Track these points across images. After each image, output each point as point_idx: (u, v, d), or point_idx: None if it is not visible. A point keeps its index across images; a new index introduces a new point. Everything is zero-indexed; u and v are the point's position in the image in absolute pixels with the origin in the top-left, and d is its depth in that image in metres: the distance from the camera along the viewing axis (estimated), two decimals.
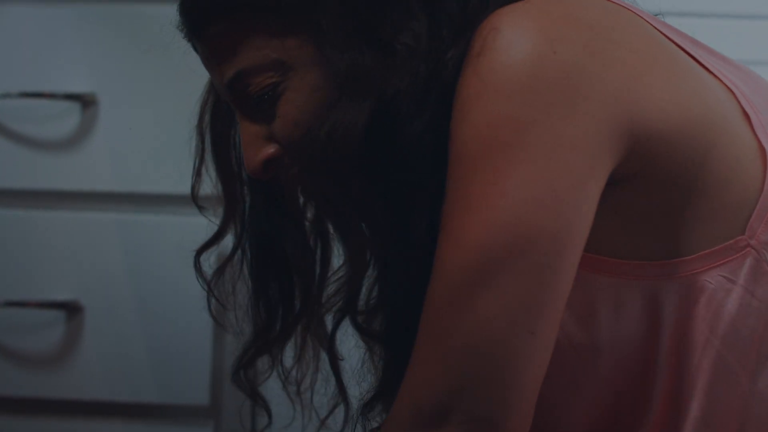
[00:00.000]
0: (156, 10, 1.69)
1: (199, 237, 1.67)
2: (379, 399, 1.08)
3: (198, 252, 1.15)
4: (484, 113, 0.91)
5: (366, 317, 1.09)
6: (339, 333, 1.12)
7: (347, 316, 1.08)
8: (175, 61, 1.68)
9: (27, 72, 1.70)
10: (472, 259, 0.91)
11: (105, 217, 1.69)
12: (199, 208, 1.16)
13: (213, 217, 1.15)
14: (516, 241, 0.90)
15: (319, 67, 0.98)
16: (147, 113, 1.69)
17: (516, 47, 0.91)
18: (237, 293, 1.14)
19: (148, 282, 1.68)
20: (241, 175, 1.12)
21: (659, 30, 1.00)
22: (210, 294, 1.15)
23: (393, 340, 1.03)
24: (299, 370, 1.17)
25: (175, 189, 1.69)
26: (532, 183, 0.90)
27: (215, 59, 1.03)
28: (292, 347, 1.16)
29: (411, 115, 0.95)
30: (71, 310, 1.68)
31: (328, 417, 1.18)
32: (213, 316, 1.16)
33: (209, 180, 1.14)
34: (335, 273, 1.14)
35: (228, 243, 1.16)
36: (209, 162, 1.15)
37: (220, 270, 1.14)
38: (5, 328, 1.68)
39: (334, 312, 1.09)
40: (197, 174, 1.14)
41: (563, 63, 0.91)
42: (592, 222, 0.93)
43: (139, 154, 1.69)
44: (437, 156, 0.95)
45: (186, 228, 1.68)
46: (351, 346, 1.15)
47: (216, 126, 1.12)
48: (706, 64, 1.01)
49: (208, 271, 1.16)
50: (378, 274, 0.99)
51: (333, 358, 1.14)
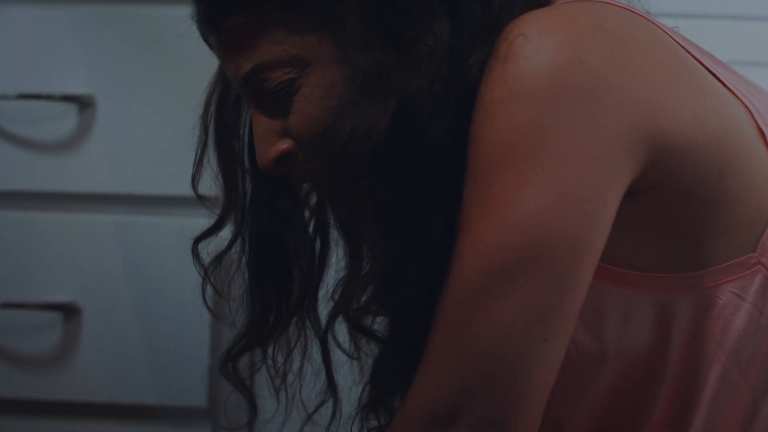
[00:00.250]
0: (154, 11, 1.69)
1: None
2: (376, 401, 1.08)
3: (196, 240, 1.14)
4: (507, 119, 0.91)
5: (361, 316, 1.09)
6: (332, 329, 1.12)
7: (343, 313, 1.08)
8: (173, 63, 1.69)
9: (25, 73, 1.70)
10: (490, 264, 0.91)
11: (103, 219, 1.69)
12: (199, 198, 1.16)
13: (213, 208, 1.14)
14: (534, 248, 0.91)
15: (338, 65, 0.98)
16: (145, 115, 1.69)
17: (542, 54, 0.91)
18: (233, 284, 1.14)
19: (146, 283, 1.68)
20: (243, 167, 1.11)
21: (679, 44, 1.00)
22: (206, 282, 1.14)
23: (396, 342, 1.03)
24: (289, 363, 1.16)
25: (173, 190, 1.69)
26: (552, 191, 0.90)
27: (231, 51, 1.02)
28: (283, 341, 1.16)
29: (431, 117, 0.95)
30: (69, 311, 1.68)
31: (315, 411, 1.17)
32: (207, 305, 1.16)
33: (209, 171, 1.14)
34: (337, 270, 1.14)
35: (226, 234, 1.15)
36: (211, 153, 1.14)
37: (217, 259, 1.13)
38: (3, 329, 1.68)
39: (332, 309, 1.09)
40: (198, 164, 1.13)
41: (588, 73, 0.91)
42: (609, 232, 0.93)
43: (137, 155, 1.69)
44: (456, 158, 0.95)
45: (184, 229, 1.68)
46: (344, 341, 1.16)
47: (221, 117, 1.11)
48: (722, 79, 1.01)
49: (204, 262, 1.15)
50: (384, 273, 0.99)
51: (325, 352, 1.14)
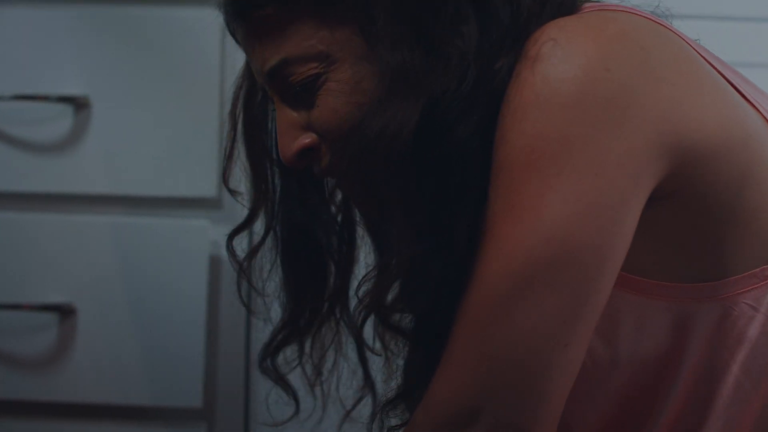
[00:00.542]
0: (150, 13, 1.69)
1: (193, 240, 1.68)
2: (401, 398, 1.09)
3: (230, 236, 1.15)
4: (535, 124, 0.91)
5: (389, 314, 1.09)
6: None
7: (373, 311, 1.09)
8: (169, 64, 1.70)
9: (20, 74, 1.70)
10: (514, 268, 0.92)
11: (98, 220, 1.69)
12: (231, 192, 1.16)
13: (245, 202, 1.15)
14: (558, 254, 0.91)
15: (365, 62, 0.99)
16: (140, 116, 1.69)
17: (570, 61, 0.92)
18: (267, 280, 1.15)
19: (141, 284, 1.68)
20: (272, 161, 1.12)
21: (701, 55, 1.01)
22: (241, 277, 1.14)
23: (421, 340, 1.03)
24: (324, 360, 1.17)
25: (169, 191, 1.70)
26: (577, 198, 0.91)
27: (259, 44, 1.02)
28: (318, 338, 1.17)
29: (459, 118, 0.96)
30: (64, 312, 1.68)
31: (353, 409, 1.19)
32: (243, 301, 1.16)
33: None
34: (367, 266, 1.15)
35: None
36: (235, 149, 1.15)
37: (251, 254, 1.14)
38: None
39: (363, 306, 1.09)
40: (228, 159, 1.14)
41: (615, 81, 0.92)
42: (631, 239, 0.94)
43: (133, 156, 1.69)
44: (481, 160, 0.95)
45: (179, 231, 1.69)
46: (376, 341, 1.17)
47: (249, 112, 1.12)
48: (742, 90, 1.02)
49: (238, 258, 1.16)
50: (408, 271, 0.99)
51: (361, 349, 1.15)
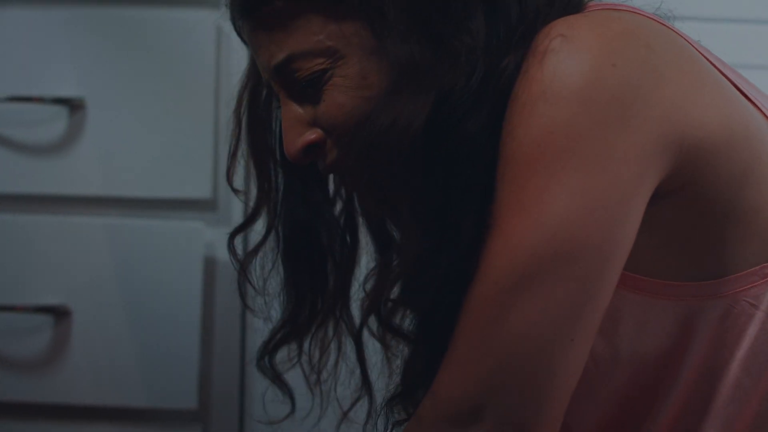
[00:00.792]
0: (145, 14, 1.69)
1: (188, 241, 1.68)
2: (402, 395, 1.09)
3: (232, 234, 1.15)
4: (542, 118, 0.92)
5: (391, 314, 1.09)
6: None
7: (375, 310, 1.09)
8: (164, 66, 1.70)
9: (15, 76, 1.70)
10: (520, 262, 0.92)
11: (93, 221, 1.69)
12: (234, 191, 1.16)
13: (247, 201, 1.15)
14: (564, 248, 0.92)
15: (372, 56, 0.99)
16: (135, 117, 1.69)
17: (578, 57, 0.93)
18: (267, 278, 1.15)
19: (136, 286, 1.68)
20: (276, 160, 1.12)
21: (703, 55, 1.02)
22: (242, 276, 1.15)
23: (425, 337, 1.03)
24: (324, 360, 1.18)
25: (164, 193, 1.70)
26: (584, 192, 0.91)
27: (265, 39, 1.02)
28: (317, 338, 1.17)
29: (467, 114, 0.97)
30: (59, 314, 1.68)
31: (350, 409, 1.19)
32: (243, 299, 1.17)
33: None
34: (367, 267, 1.15)
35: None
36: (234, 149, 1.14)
37: (253, 252, 1.14)
38: None
39: (365, 304, 1.09)
40: (232, 157, 1.14)
41: (621, 77, 0.92)
42: (635, 235, 0.94)
43: (127, 158, 1.69)
44: (489, 156, 0.96)
45: (174, 232, 1.69)
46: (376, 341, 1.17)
47: (253, 110, 1.12)
48: (744, 91, 1.03)
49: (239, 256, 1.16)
50: (414, 266, 0.99)
51: (360, 349, 1.15)
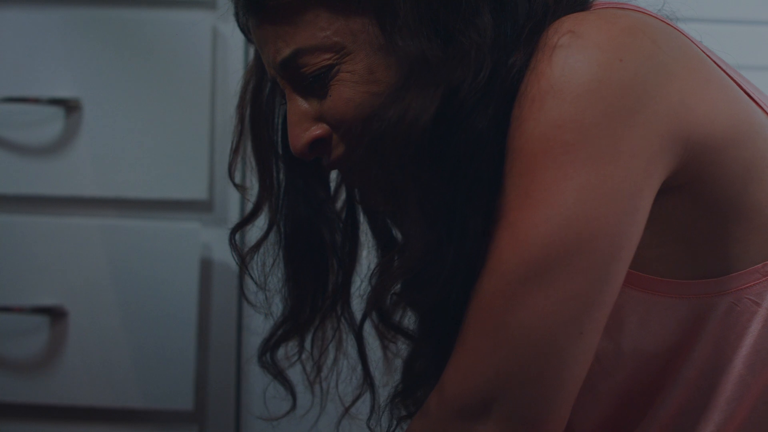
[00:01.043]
0: (141, 15, 1.69)
1: (184, 242, 1.68)
2: (403, 393, 1.10)
3: (233, 230, 1.16)
4: (550, 112, 0.93)
5: (392, 308, 1.10)
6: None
7: (377, 307, 1.09)
8: (159, 66, 1.70)
9: (11, 77, 1.70)
10: (529, 255, 0.93)
11: (89, 223, 1.69)
12: (236, 186, 1.17)
13: (249, 196, 1.16)
14: (574, 240, 0.92)
15: (380, 52, 1.00)
16: (131, 118, 1.69)
17: (586, 52, 0.93)
18: (269, 274, 1.15)
19: (132, 287, 1.68)
20: (278, 156, 1.13)
21: (707, 54, 1.03)
22: (243, 271, 1.15)
23: (430, 331, 1.04)
24: (324, 357, 1.18)
25: (160, 194, 1.70)
26: (593, 185, 0.92)
27: (272, 35, 1.03)
28: (318, 335, 1.17)
29: (475, 109, 0.97)
30: (56, 315, 1.68)
31: (352, 405, 1.19)
32: (245, 295, 1.17)
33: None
34: (369, 265, 1.16)
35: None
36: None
37: (254, 248, 1.15)
38: None
39: (368, 299, 1.10)
40: (234, 153, 1.14)
41: (628, 71, 0.93)
42: (643, 228, 0.95)
43: (124, 159, 1.69)
44: (495, 151, 0.96)
45: (170, 233, 1.69)
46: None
47: (256, 107, 1.13)
48: (747, 89, 1.03)
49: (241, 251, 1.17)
50: (421, 261, 0.99)
51: (361, 346, 1.16)
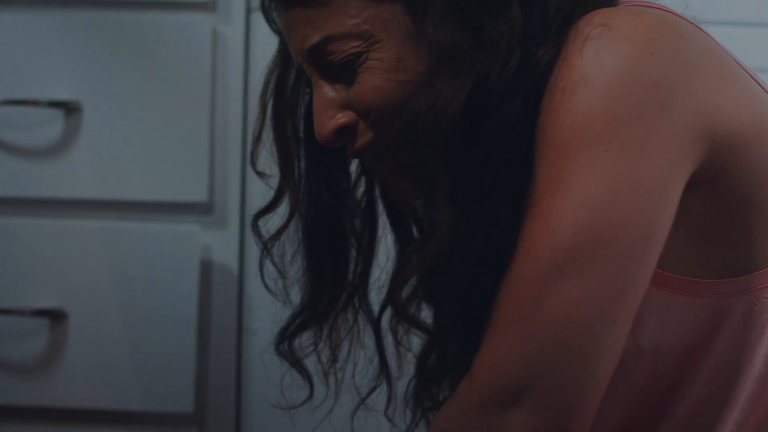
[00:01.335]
0: (140, 17, 1.69)
1: (183, 244, 1.68)
2: (419, 386, 1.11)
3: (255, 217, 1.17)
4: (582, 103, 0.94)
5: (408, 306, 1.10)
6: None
7: (395, 300, 1.09)
8: (159, 69, 1.70)
9: (11, 79, 1.70)
10: (562, 242, 0.93)
11: (89, 225, 1.69)
12: (258, 174, 1.17)
13: (271, 184, 1.16)
14: (607, 229, 0.93)
15: (409, 41, 1.00)
16: (131, 120, 1.69)
17: (617, 44, 0.94)
18: (288, 263, 1.16)
19: (132, 289, 1.68)
20: (300, 145, 1.14)
21: (730, 55, 1.04)
22: (264, 257, 1.16)
23: (446, 326, 1.04)
24: (341, 347, 1.18)
25: (159, 196, 1.70)
26: (625, 175, 0.93)
27: (300, 21, 1.03)
28: (336, 325, 1.18)
29: (503, 99, 0.98)
30: (56, 317, 1.68)
31: (368, 395, 1.19)
32: (265, 283, 1.17)
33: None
34: (388, 258, 1.16)
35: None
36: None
37: (276, 235, 1.16)
38: None
39: (390, 285, 1.10)
40: (256, 141, 1.15)
41: (658, 65, 0.94)
42: (672, 221, 0.96)
43: (123, 161, 1.69)
44: (523, 141, 0.97)
45: (170, 235, 1.69)
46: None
47: (279, 97, 1.13)
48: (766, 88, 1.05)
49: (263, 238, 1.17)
50: (448, 250, 1.00)
51: (378, 338, 1.17)
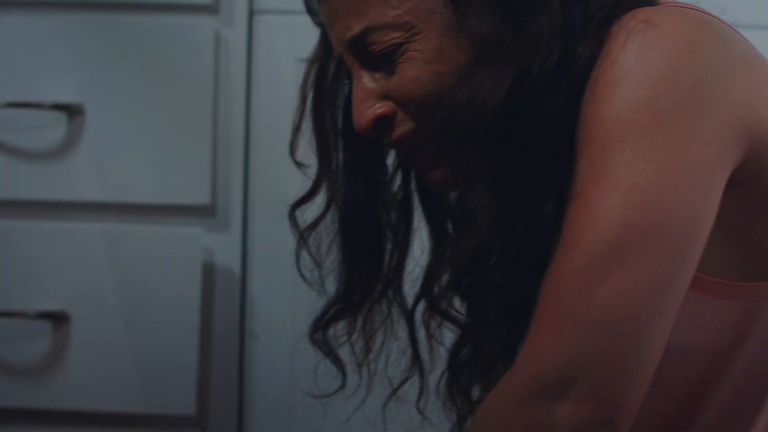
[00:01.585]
0: (143, 20, 1.69)
1: (186, 247, 1.68)
2: (451, 379, 1.12)
3: (293, 206, 1.17)
4: (626, 98, 0.94)
5: (441, 300, 1.12)
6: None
7: (426, 292, 1.10)
8: (162, 72, 1.70)
9: (14, 82, 1.70)
10: (611, 234, 0.93)
11: (92, 228, 1.69)
12: (297, 164, 1.19)
13: (309, 174, 1.17)
14: (653, 221, 0.93)
15: (450, 33, 1.01)
16: (134, 123, 1.69)
17: (661, 41, 0.95)
18: (324, 253, 1.17)
19: (134, 292, 1.68)
20: (338, 136, 1.14)
21: (764, 58, 1.04)
22: (300, 247, 1.17)
23: (499, 313, 1.04)
24: (374, 338, 1.19)
25: (162, 199, 1.70)
26: (670, 169, 0.93)
27: (343, 11, 1.04)
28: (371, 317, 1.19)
29: (543, 93, 0.99)
30: (58, 320, 1.68)
31: (400, 386, 1.20)
32: (301, 273, 1.18)
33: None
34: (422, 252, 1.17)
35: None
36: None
37: (312, 226, 1.16)
38: None
39: (420, 285, 1.11)
40: (296, 132, 1.16)
41: (699, 64, 0.95)
42: (715, 217, 0.96)
43: (126, 164, 1.69)
44: (564, 136, 0.98)
45: (172, 238, 1.69)
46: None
47: (319, 88, 1.14)
48: None
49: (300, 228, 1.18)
50: (482, 242, 1.01)
51: (412, 329, 1.17)
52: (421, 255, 1.18)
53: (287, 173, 1.70)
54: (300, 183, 1.69)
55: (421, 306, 1.17)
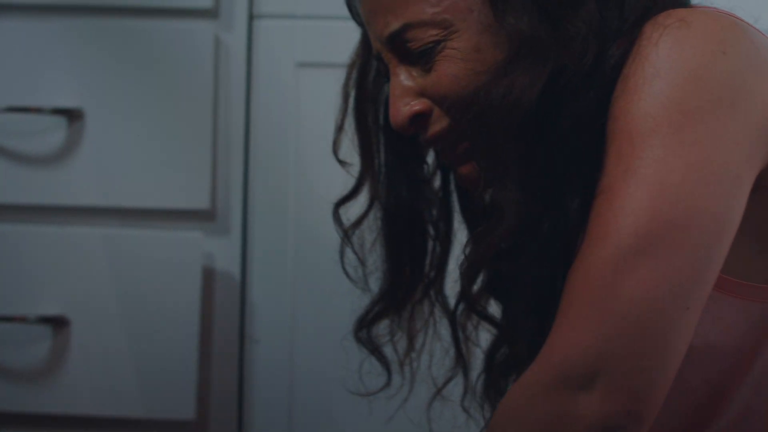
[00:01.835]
0: (143, 25, 1.70)
1: (186, 251, 1.68)
2: (488, 381, 1.13)
3: (337, 204, 1.18)
4: (656, 94, 0.95)
5: (478, 300, 1.13)
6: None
7: (463, 292, 1.11)
8: (162, 76, 1.70)
9: (14, 86, 1.70)
10: (640, 227, 0.94)
11: (92, 232, 1.69)
12: (340, 163, 1.19)
13: (352, 172, 1.18)
14: (682, 216, 0.94)
15: (487, 31, 1.02)
16: (134, 128, 1.69)
17: (692, 41, 0.96)
18: (368, 251, 1.18)
19: (134, 297, 1.68)
20: (380, 134, 1.16)
21: None
22: (345, 245, 1.17)
23: (527, 306, 1.05)
24: (417, 337, 1.20)
25: (162, 203, 1.70)
26: (700, 165, 0.94)
27: (383, 8, 1.05)
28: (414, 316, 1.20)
29: (578, 91, 1.00)
30: (58, 324, 1.68)
31: (444, 386, 1.20)
32: (345, 270, 1.18)
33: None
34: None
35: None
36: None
37: (356, 224, 1.17)
38: None
39: (464, 271, 1.11)
40: (338, 131, 1.17)
41: (730, 65, 0.96)
42: (742, 215, 0.96)
43: (126, 168, 1.69)
44: (595, 133, 0.99)
45: (172, 243, 1.69)
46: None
47: (361, 87, 1.15)
48: None
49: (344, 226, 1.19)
50: (512, 236, 1.02)
51: (454, 329, 1.18)
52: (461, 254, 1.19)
53: (287, 178, 1.71)
54: (301, 188, 1.70)
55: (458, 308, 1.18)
